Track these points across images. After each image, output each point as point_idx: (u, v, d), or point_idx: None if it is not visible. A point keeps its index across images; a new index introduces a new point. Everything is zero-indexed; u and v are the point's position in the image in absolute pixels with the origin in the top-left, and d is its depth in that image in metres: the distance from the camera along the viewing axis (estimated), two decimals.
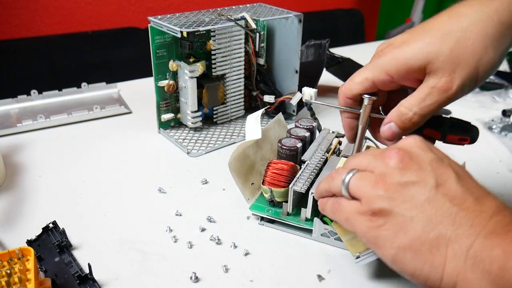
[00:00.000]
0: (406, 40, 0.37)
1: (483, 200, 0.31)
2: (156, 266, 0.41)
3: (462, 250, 0.29)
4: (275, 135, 0.52)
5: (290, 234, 0.46)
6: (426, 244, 0.30)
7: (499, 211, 0.30)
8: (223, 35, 0.62)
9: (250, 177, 0.48)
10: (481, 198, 0.31)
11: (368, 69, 0.38)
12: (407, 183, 0.32)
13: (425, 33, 0.36)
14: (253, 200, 0.48)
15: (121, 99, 0.77)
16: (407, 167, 0.32)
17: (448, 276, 0.30)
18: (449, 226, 0.30)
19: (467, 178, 0.32)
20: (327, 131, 0.53)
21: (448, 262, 0.30)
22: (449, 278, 0.30)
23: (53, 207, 0.50)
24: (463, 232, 0.29)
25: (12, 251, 0.36)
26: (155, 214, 0.49)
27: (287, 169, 0.46)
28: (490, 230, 0.29)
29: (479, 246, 0.29)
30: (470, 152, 0.63)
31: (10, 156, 0.60)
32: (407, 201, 0.31)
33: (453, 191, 0.31)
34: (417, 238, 0.30)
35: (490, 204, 0.30)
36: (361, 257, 0.38)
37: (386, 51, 0.37)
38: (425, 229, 0.30)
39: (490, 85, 0.83)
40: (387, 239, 0.32)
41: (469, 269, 0.29)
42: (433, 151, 0.34)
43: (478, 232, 0.29)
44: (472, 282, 0.29)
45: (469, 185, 0.32)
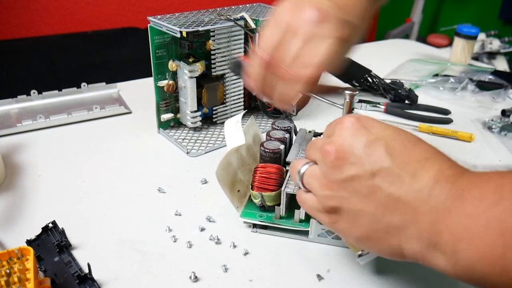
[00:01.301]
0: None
1: (420, 173, 0.30)
2: (155, 266, 0.41)
3: (412, 235, 0.30)
4: (250, 139, 0.52)
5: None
6: (379, 233, 0.32)
7: (436, 184, 0.30)
8: (222, 35, 0.62)
9: (235, 184, 0.47)
10: (418, 171, 0.31)
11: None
12: (347, 179, 0.33)
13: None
14: (242, 208, 0.47)
15: (121, 99, 0.77)
16: (343, 162, 0.33)
17: (408, 254, 0.31)
18: (395, 214, 0.31)
19: (402, 152, 0.32)
20: (304, 130, 0.53)
21: (404, 245, 0.31)
22: (410, 256, 0.31)
23: (53, 207, 0.50)
24: (408, 218, 0.30)
25: (12, 251, 0.36)
26: (154, 214, 0.49)
27: (275, 172, 0.45)
28: (432, 211, 0.29)
29: (427, 231, 0.29)
30: (470, 152, 0.64)
31: (10, 156, 0.60)
32: (352, 196, 0.33)
33: (389, 175, 0.31)
34: (369, 229, 0.32)
35: (428, 177, 0.30)
36: (363, 255, 0.38)
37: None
38: (373, 219, 0.32)
39: (490, 85, 0.83)
40: (346, 232, 0.34)
41: (425, 250, 0.30)
42: (366, 133, 0.33)
43: (423, 216, 0.30)
44: (431, 260, 0.30)
45: (405, 159, 0.31)
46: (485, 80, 0.85)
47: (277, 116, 0.71)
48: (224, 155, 0.45)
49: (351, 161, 0.32)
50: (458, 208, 0.28)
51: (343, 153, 0.33)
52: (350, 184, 0.32)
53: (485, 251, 0.26)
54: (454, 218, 0.28)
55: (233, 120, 0.48)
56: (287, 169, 0.47)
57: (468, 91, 0.81)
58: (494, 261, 0.26)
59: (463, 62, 0.95)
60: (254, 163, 0.51)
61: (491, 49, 1.06)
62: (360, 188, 0.32)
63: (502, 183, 0.27)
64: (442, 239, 0.29)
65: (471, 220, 0.27)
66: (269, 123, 0.69)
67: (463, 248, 0.27)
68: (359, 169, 0.32)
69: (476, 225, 0.27)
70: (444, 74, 0.88)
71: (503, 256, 0.26)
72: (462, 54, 0.94)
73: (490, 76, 0.87)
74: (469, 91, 0.81)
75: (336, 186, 0.33)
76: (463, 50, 0.94)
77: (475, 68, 0.91)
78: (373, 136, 0.33)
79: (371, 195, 0.32)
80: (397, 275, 0.41)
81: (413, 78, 0.86)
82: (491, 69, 0.90)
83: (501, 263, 0.26)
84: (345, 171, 0.32)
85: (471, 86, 0.82)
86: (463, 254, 0.28)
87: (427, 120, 0.71)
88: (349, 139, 0.33)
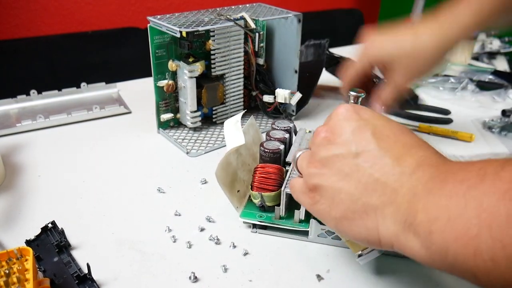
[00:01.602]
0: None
1: (403, 157, 0.31)
2: (155, 266, 0.41)
3: (389, 215, 0.30)
4: (250, 139, 0.52)
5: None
6: (357, 213, 0.32)
7: (418, 167, 0.30)
8: (222, 35, 0.62)
9: (235, 184, 0.47)
10: (402, 156, 0.31)
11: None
12: (331, 156, 0.33)
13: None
14: (242, 208, 0.47)
15: (121, 99, 0.77)
16: (331, 142, 0.34)
17: (383, 238, 0.31)
18: (373, 194, 0.31)
19: (388, 137, 0.33)
20: (304, 130, 0.53)
21: (380, 226, 0.31)
22: (385, 239, 0.31)
23: (52, 207, 0.50)
24: (387, 198, 0.30)
25: (11, 251, 0.36)
26: (154, 214, 0.49)
27: (275, 172, 0.45)
28: (411, 192, 0.29)
29: (403, 212, 0.29)
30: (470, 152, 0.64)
31: (9, 156, 0.60)
32: (334, 174, 0.33)
33: (372, 156, 0.32)
34: (347, 208, 0.32)
35: (411, 161, 0.31)
36: (363, 256, 0.38)
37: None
38: (352, 198, 0.32)
39: (490, 85, 0.83)
40: (325, 212, 0.34)
41: (400, 233, 0.30)
42: (357, 118, 0.34)
43: (401, 197, 0.30)
44: (405, 243, 0.30)
45: (390, 144, 0.32)
46: (485, 80, 0.85)
47: (277, 116, 0.71)
48: (224, 155, 0.45)
49: (338, 141, 0.34)
50: (438, 189, 0.28)
51: (332, 133, 0.34)
52: (333, 161, 0.33)
53: (460, 232, 0.26)
54: (432, 198, 0.28)
55: (232, 120, 0.48)
56: (287, 169, 0.47)
57: (468, 91, 0.81)
58: (468, 242, 0.25)
59: (463, 62, 0.94)
60: (254, 163, 0.51)
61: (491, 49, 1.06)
62: (342, 167, 0.33)
63: (486, 166, 0.27)
64: (418, 219, 0.28)
65: (449, 199, 0.27)
66: (269, 123, 0.69)
67: (438, 228, 0.27)
68: (344, 148, 0.33)
69: (454, 205, 0.26)
70: (444, 74, 0.88)
71: (477, 236, 0.25)
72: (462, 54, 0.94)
73: (490, 76, 0.87)
74: (469, 91, 0.81)
75: (319, 164, 0.34)
76: (463, 50, 0.94)
77: (475, 68, 0.91)
78: (363, 121, 0.34)
79: (352, 174, 0.32)
80: (397, 275, 0.41)
81: None
82: (491, 69, 0.90)
83: (474, 245, 0.25)
84: (331, 150, 0.34)
85: (471, 86, 0.82)
86: (437, 236, 0.27)
87: (427, 120, 0.71)
88: (340, 123, 0.34)
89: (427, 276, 0.40)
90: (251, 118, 0.53)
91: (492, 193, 0.25)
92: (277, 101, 0.66)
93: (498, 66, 0.95)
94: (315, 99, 0.77)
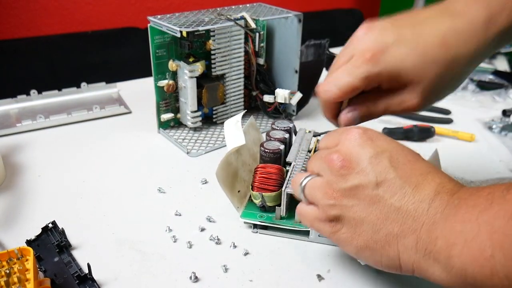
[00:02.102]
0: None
1: (421, 186, 0.32)
2: (155, 266, 0.41)
3: (410, 244, 0.31)
4: (250, 139, 0.52)
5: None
6: (379, 242, 0.33)
7: (436, 195, 0.31)
8: (222, 35, 0.62)
9: (236, 184, 0.47)
10: (420, 184, 0.32)
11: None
12: (351, 188, 0.33)
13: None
14: (243, 208, 0.47)
15: (121, 99, 0.77)
16: (349, 171, 0.34)
17: (404, 265, 0.32)
18: (395, 223, 0.32)
19: (405, 165, 0.33)
20: (304, 130, 0.53)
21: (401, 254, 0.32)
22: (406, 266, 0.32)
23: (53, 207, 0.50)
24: (408, 227, 0.31)
25: (11, 251, 0.36)
26: (154, 214, 0.49)
27: (275, 172, 0.45)
28: (431, 220, 0.30)
29: (424, 240, 0.30)
30: (470, 152, 0.64)
31: (9, 156, 0.60)
32: (355, 205, 0.33)
33: (392, 186, 0.32)
34: (369, 238, 0.33)
35: (429, 189, 0.31)
36: None
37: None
38: (374, 228, 0.33)
39: (490, 85, 0.83)
40: (347, 241, 0.35)
41: (421, 259, 0.31)
42: (372, 145, 0.34)
43: (421, 225, 0.31)
44: (426, 269, 0.31)
45: (408, 172, 0.32)
46: (486, 80, 0.85)
47: (277, 116, 0.71)
48: (224, 155, 0.45)
49: (356, 170, 0.33)
50: (453, 216, 0.29)
51: (350, 162, 0.34)
52: (354, 192, 0.33)
53: (476, 254, 0.27)
54: (449, 225, 0.29)
55: (233, 120, 0.48)
56: (287, 169, 0.47)
57: (468, 91, 0.81)
58: (484, 263, 0.27)
59: None
60: (254, 163, 0.51)
61: None
62: (364, 197, 0.33)
63: (493, 191, 0.28)
64: (437, 246, 0.29)
65: (464, 225, 0.28)
66: (269, 123, 0.69)
67: (456, 253, 0.28)
68: (364, 178, 0.33)
69: (469, 230, 0.28)
70: None
71: (492, 257, 0.26)
72: None
73: (491, 76, 0.87)
74: (470, 91, 0.81)
75: (340, 195, 0.34)
76: None
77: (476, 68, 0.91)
78: (379, 148, 0.34)
79: (374, 205, 0.32)
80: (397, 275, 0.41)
81: None
82: (492, 69, 0.90)
83: (490, 265, 0.26)
84: (350, 180, 0.33)
85: (472, 86, 0.82)
86: (456, 259, 0.28)
87: (427, 120, 0.71)
88: (356, 150, 0.34)
89: None
90: (251, 118, 0.53)
91: (502, 216, 0.26)
92: (277, 101, 0.66)
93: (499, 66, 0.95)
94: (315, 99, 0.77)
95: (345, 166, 0.34)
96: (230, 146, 0.46)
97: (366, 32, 0.39)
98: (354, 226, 0.34)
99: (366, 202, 0.33)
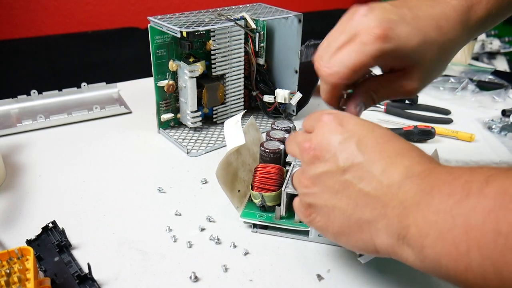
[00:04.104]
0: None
1: (389, 169, 0.31)
2: (155, 266, 0.41)
3: (382, 229, 0.30)
4: (250, 139, 0.52)
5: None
6: (352, 228, 0.32)
7: (405, 179, 0.30)
8: (222, 35, 0.62)
9: (236, 184, 0.47)
10: (388, 167, 0.31)
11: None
12: (320, 175, 0.33)
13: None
14: (243, 208, 0.47)
15: (121, 99, 0.77)
16: (319, 159, 0.34)
17: (380, 249, 0.31)
18: (365, 209, 0.31)
19: (373, 148, 0.32)
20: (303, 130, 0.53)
21: (375, 239, 0.31)
22: (382, 250, 0.31)
23: (53, 207, 0.50)
24: (378, 213, 0.31)
25: (12, 251, 0.36)
26: (154, 214, 0.49)
27: (275, 172, 0.45)
28: (401, 205, 0.29)
29: (396, 225, 0.30)
30: (470, 152, 0.64)
31: (10, 156, 0.60)
32: (325, 191, 0.33)
33: (359, 171, 0.32)
34: (342, 224, 0.33)
35: (397, 173, 0.30)
36: (364, 254, 0.38)
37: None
38: (345, 215, 0.32)
39: (490, 85, 0.83)
40: (323, 229, 0.35)
41: (395, 244, 0.30)
42: (341, 130, 0.33)
43: (391, 211, 0.30)
44: (401, 254, 0.30)
45: (376, 156, 0.32)
46: (485, 80, 0.85)
47: (277, 116, 0.71)
48: (224, 155, 0.45)
49: (325, 157, 0.33)
50: (426, 204, 0.28)
51: (320, 150, 0.34)
52: (323, 180, 0.33)
53: (450, 248, 0.26)
54: (421, 214, 0.28)
55: (233, 120, 0.48)
56: (287, 169, 0.47)
57: (468, 91, 0.81)
58: (459, 258, 0.26)
59: (463, 62, 0.95)
60: (254, 163, 0.51)
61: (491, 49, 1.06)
62: (332, 184, 0.33)
63: (471, 180, 0.27)
64: (410, 233, 0.29)
65: (438, 216, 0.27)
66: (269, 123, 0.69)
67: (429, 243, 0.27)
68: (331, 165, 0.33)
69: (443, 221, 0.27)
70: (444, 74, 0.88)
71: (467, 254, 0.25)
72: (462, 54, 0.94)
73: (490, 76, 0.87)
74: (469, 91, 0.81)
75: (311, 183, 0.34)
76: (463, 50, 0.94)
77: (475, 68, 0.91)
78: (347, 133, 0.33)
79: (343, 191, 0.32)
80: (397, 275, 0.41)
81: None
82: (491, 69, 0.90)
83: (465, 261, 0.26)
84: (319, 168, 0.33)
85: (471, 86, 0.82)
86: (429, 250, 0.27)
87: (427, 120, 0.71)
88: (325, 137, 0.34)
89: (428, 276, 0.40)
90: (251, 118, 0.53)
91: (479, 212, 0.25)
92: (277, 101, 0.66)
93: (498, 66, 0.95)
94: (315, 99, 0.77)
95: (316, 155, 0.34)
96: (230, 146, 0.46)
97: (367, 12, 0.37)
98: (326, 213, 0.34)
99: (335, 189, 0.33)
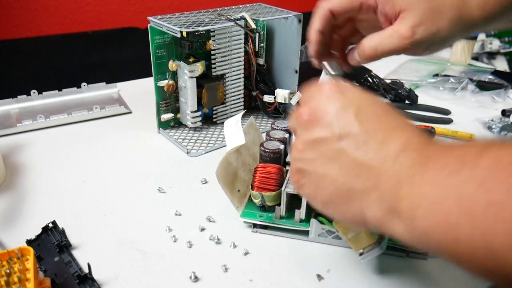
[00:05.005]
0: None
1: (387, 141, 0.30)
2: (155, 266, 0.41)
3: (373, 201, 0.30)
4: (250, 139, 0.52)
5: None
6: (342, 198, 0.32)
7: (402, 152, 0.29)
8: (222, 35, 0.62)
9: (235, 184, 0.47)
10: (385, 139, 0.30)
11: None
12: (314, 140, 0.33)
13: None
14: (242, 207, 0.47)
15: (121, 99, 0.77)
16: (314, 124, 0.33)
17: (370, 221, 0.31)
18: (357, 179, 0.30)
19: (372, 119, 0.32)
20: None
21: (365, 211, 0.30)
22: (371, 223, 0.31)
23: (53, 207, 0.50)
24: (371, 184, 0.30)
25: (12, 251, 0.36)
26: (154, 214, 0.49)
27: (275, 172, 0.45)
28: (395, 178, 0.29)
29: (387, 197, 0.29)
30: None
31: (10, 156, 0.60)
32: (317, 158, 0.32)
33: (356, 140, 0.31)
34: (332, 193, 0.32)
35: (394, 145, 0.30)
36: (364, 254, 0.38)
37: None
38: (336, 184, 0.31)
39: (490, 85, 0.83)
40: (312, 196, 0.34)
41: (385, 217, 0.29)
42: (340, 97, 0.33)
43: (385, 182, 0.29)
44: (391, 227, 0.29)
45: (374, 126, 0.31)
46: (485, 80, 0.85)
47: (277, 116, 0.71)
48: (224, 155, 0.45)
49: (321, 123, 0.32)
50: (420, 176, 0.28)
51: (315, 115, 0.33)
52: (317, 146, 0.32)
53: (440, 219, 0.26)
54: (415, 185, 0.28)
55: (233, 120, 0.48)
56: (287, 169, 0.47)
57: (468, 91, 0.81)
58: (448, 230, 0.25)
59: (463, 62, 0.95)
60: (254, 163, 0.51)
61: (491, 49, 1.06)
62: (326, 151, 0.32)
63: (465, 152, 0.27)
64: (401, 205, 0.28)
65: (430, 186, 0.27)
66: (269, 123, 0.69)
67: (420, 214, 0.27)
68: (327, 131, 0.32)
69: (435, 192, 0.26)
70: (444, 74, 0.88)
71: (457, 225, 0.25)
72: (462, 54, 0.94)
73: (490, 76, 0.87)
74: (469, 91, 0.81)
75: (304, 148, 0.33)
76: (463, 50, 0.94)
77: (475, 68, 0.91)
78: (347, 101, 0.33)
79: (336, 159, 0.31)
80: (398, 274, 0.41)
81: (413, 78, 0.86)
82: (491, 69, 0.90)
83: (455, 232, 0.25)
84: (314, 133, 0.33)
85: (471, 86, 0.82)
86: (419, 221, 0.27)
87: (427, 120, 0.71)
88: (323, 103, 0.33)
89: (428, 276, 0.40)
90: (251, 118, 0.53)
91: (472, 182, 0.25)
92: (277, 101, 0.66)
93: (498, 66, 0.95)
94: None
95: (311, 120, 0.33)
96: (230, 146, 0.46)
97: None
98: (316, 180, 0.33)
99: (328, 156, 0.32)
